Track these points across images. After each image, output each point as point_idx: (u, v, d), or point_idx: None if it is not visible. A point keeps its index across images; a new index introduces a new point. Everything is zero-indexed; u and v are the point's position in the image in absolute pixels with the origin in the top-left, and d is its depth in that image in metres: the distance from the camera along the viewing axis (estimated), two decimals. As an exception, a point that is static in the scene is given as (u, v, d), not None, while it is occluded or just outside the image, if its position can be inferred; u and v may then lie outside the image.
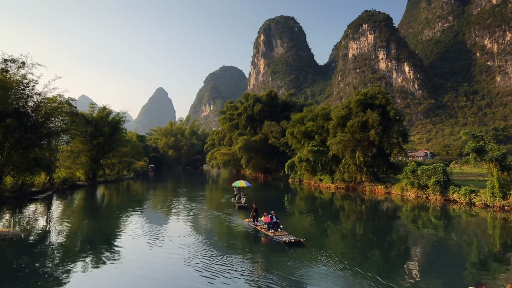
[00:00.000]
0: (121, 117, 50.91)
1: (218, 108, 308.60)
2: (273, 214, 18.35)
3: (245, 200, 28.48)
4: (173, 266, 12.71)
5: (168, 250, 14.74)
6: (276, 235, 16.75)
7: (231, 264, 12.71)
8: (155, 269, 12.35)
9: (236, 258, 13.61)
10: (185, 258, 13.40)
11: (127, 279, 11.52)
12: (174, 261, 13.19)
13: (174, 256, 13.79)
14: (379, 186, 40.62)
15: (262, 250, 15.59)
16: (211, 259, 13.36)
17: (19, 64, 27.95)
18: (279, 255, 14.10)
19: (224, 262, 13.00)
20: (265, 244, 16.34)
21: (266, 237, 17.10)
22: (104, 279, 11.42)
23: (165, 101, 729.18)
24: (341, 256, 13.77)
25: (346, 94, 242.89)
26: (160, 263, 13.03)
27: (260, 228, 18.66)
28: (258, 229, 18.81)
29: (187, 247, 15.05)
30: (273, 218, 18.05)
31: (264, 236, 17.39)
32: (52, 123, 32.77)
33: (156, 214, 26.76)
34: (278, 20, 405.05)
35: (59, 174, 42.30)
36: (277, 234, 17.03)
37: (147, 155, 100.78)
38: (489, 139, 29.41)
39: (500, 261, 14.31)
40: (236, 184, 29.53)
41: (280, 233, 17.26)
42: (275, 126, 67.30)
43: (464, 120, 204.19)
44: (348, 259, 13.11)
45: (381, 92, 42.31)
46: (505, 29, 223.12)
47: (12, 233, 17.14)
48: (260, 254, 14.93)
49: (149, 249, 14.92)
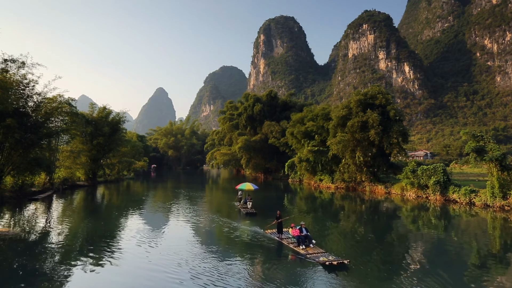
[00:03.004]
0: (121, 117, 50.94)
1: (218, 108, 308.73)
2: (302, 225, 15.52)
3: (251, 204, 25.18)
4: (174, 270, 12.50)
5: (168, 252, 14.68)
6: (310, 253, 13.81)
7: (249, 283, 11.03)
8: (155, 270, 12.32)
9: (254, 278, 11.56)
10: (192, 271, 11.81)
11: (127, 279, 11.51)
12: (174, 266, 12.98)
13: (173, 258, 13.72)
14: (379, 186, 40.62)
15: (292, 272, 12.33)
16: (224, 275, 11.58)
17: (19, 64, 27.89)
18: (315, 279, 11.41)
19: (240, 278, 11.34)
20: (293, 263, 13.36)
21: (296, 255, 14.08)
22: (103, 279, 11.40)
23: (165, 101, 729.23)
24: (341, 256, 13.75)
25: (346, 94, 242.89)
26: (160, 264, 13.01)
27: (287, 243, 15.59)
28: (284, 244, 15.73)
29: (191, 258, 13.34)
30: (302, 231, 15.24)
31: (292, 253, 14.40)
32: (52, 123, 32.71)
33: (156, 215, 26.68)
34: (278, 20, 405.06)
35: (59, 174, 42.30)
36: (310, 251, 14.11)
37: (147, 155, 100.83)
38: (489, 139, 29.44)
39: (500, 261, 14.31)
40: (243, 187, 26.08)
41: (313, 249, 14.32)
42: (275, 126, 67.31)
43: (464, 120, 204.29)
44: (347, 258, 13.08)
45: (381, 92, 42.30)
46: (505, 29, 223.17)
47: (12, 233, 17.15)
48: (290, 277, 11.64)
49: (149, 250, 14.89)
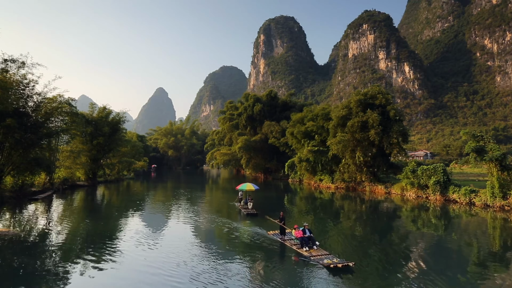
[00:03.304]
0: (121, 117, 50.94)
1: (218, 108, 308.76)
2: (306, 226, 15.27)
3: (252, 205, 25.17)
4: (174, 271, 12.51)
5: (167, 253, 14.68)
6: (313, 255, 13.49)
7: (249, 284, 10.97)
8: (154, 272, 12.31)
9: (256, 280, 11.45)
10: (191, 274, 11.62)
11: (126, 279, 11.50)
12: (174, 267, 12.99)
13: (173, 259, 13.73)
14: (379, 186, 40.63)
15: (295, 273, 12.20)
16: (224, 276, 11.51)
17: (19, 64, 27.93)
18: (319, 282, 11.26)
19: (241, 279, 11.24)
20: (296, 265, 13.12)
21: (299, 256, 13.84)
22: (103, 279, 11.41)
23: (165, 101, 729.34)
24: (341, 256, 13.76)
25: (346, 94, 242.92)
26: (160, 264, 13.00)
27: (290, 245, 15.39)
28: (286, 245, 15.53)
29: (192, 260, 13.23)
30: (306, 232, 14.96)
31: (295, 255, 14.14)
32: (52, 123, 32.74)
33: (155, 216, 26.64)
34: (278, 20, 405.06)
35: (59, 174, 42.30)
36: (314, 253, 13.81)
37: (147, 155, 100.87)
38: (489, 139, 29.47)
39: (500, 261, 14.32)
40: (243, 188, 25.86)
41: (317, 251, 14.01)
42: (275, 126, 67.32)
43: (464, 120, 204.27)
44: (348, 259, 13.08)
45: (381, 92, 42.32)
46: (505, 29, 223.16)
47: (12, 233, 17.15)
48: (293, 279, 11.55)
49: (148, 251, 14.90)
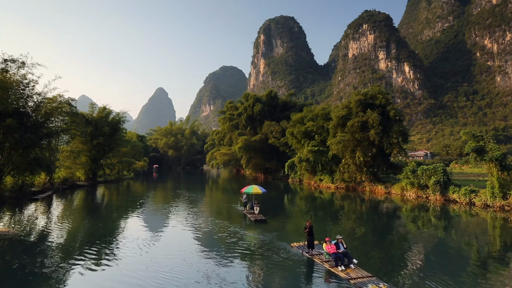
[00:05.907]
0: (121, 117, 51.00)
1: (218, 108, 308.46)
2: (339, 240, 12.58)
3: (259, 210, 22.99)
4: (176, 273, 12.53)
5: (167, 254, 14.67)
6: (352, 277, 10.90)
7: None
8: (153, 272, 12.31)
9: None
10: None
11: (125, 280, 11.49)
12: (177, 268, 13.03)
13: (173, 260, 13.70)
14: (379, 186, 40.63)
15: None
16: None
17: (19, 64, 27.97)
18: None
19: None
20: (328, 286, 10.84)
21: (332, 277, 11.28)
22: (103, 280, 11.41)
23: (165, 101, 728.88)
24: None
25: (346, 94, 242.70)
26: (160, 265, 12.99)
27: (321, 261, 12.60)
28: (315, 261, 12.79)
29: (190, 260, 12.83)
30: (339, 247, 12.32)
31: (327, 275, 11.58)
32: (52, 123, 32.79)
33: (155, 216, 26.56)
34: (278, 20, 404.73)
35: (59, 174, 42.31)
36: (352, 274, 11.22)
37: (147, 155, 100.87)
38: (489, 139, 29.45)
39: (500, 261, 14.32)
40: (249, 191, 23.30)
41: (355, 272, 11.38)
42: (275, 126, 67.32)
43: (464, 120, 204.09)
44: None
45: (381, 92, 42.33)
46: (505, 29, 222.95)
47: (12, 233, 17.14)
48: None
49: (148, 251, 14.90)
